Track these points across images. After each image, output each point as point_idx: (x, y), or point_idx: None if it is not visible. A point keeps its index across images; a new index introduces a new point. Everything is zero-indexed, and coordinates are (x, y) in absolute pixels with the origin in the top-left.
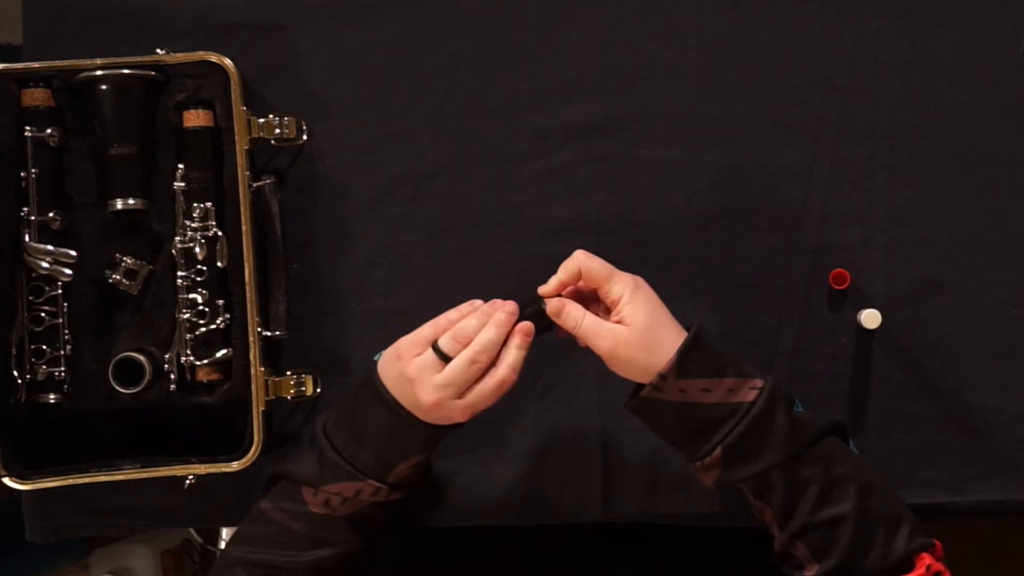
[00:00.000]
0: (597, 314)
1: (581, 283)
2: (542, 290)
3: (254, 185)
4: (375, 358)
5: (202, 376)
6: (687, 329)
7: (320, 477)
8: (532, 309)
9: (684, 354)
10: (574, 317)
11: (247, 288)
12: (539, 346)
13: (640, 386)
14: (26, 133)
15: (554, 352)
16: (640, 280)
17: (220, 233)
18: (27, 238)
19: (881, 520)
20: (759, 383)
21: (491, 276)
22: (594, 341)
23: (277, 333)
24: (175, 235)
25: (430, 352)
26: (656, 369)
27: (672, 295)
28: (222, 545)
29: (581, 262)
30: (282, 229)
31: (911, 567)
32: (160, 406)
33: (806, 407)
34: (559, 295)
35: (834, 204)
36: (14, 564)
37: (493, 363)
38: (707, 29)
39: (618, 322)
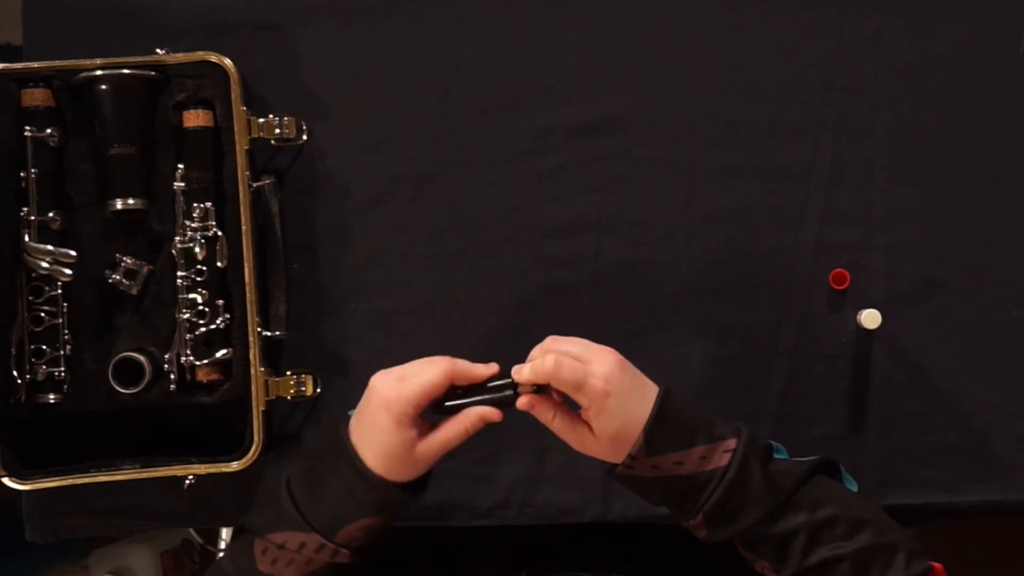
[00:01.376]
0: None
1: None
2: (516, 378)
3: (254, 185)
4: (348, 413)
5: (202, 376)
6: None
7: (269, 525)
8: (501, 396)
9: (651, 433)
10: (548, 415)
11: (247, 288)
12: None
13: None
14: (26, 133)
15: None
16: (614, 367)
17: (220, 233)
18: (27, 238)
19: (876, 553)
20: (731, 443)
21: (491, 276)
22: (570, 438)
23: (277, 333)
24: (175, 235)
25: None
26: (626, 450)
27: (672, 295)
28: (222, 545)
29: (555, 368)
30: (282, 229)
31: None
32: (160, 406)
33: (806, 407)
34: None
35: (834, 204)
36: (14, 564)
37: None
38: (707, 29)
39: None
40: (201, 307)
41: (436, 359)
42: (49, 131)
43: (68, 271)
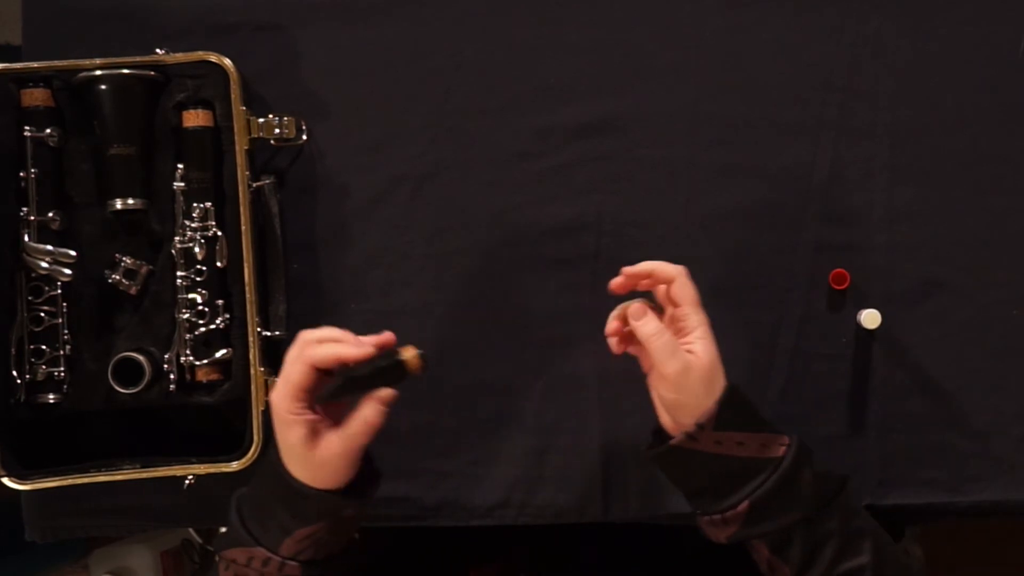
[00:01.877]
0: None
1: (669, 291)
2: (625, 270)
3: (254, 185)
4: None
5: (202, 376)
6: None
7: (224, 543)
8: (388, 362)
9: (724, 405)
10: (653, 326)
11: (247, 288)
12: (539, 346)
13: (661, 436)
14: (26, 133)
15: (554, 352)
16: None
17: (220, 233)
18: (27, 238)
19: (896, 572)
20: (786, 440)
21: (491, 276)
22: (665, 359)
23: (277, 333)
24: (175, 235)
25: None
26: (695, 416)
27: None
28: None
29: (681, 275)
30: (282, 229)
31: None
32: (160, 406)
33: (806, 407)
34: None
35: (834, 204)
36: (14, 564)
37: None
38: (707, 29)
39: (687, 351)
40: (201, 307)
41: (296, 354)
42: (49, 131)
43: (68, 271)
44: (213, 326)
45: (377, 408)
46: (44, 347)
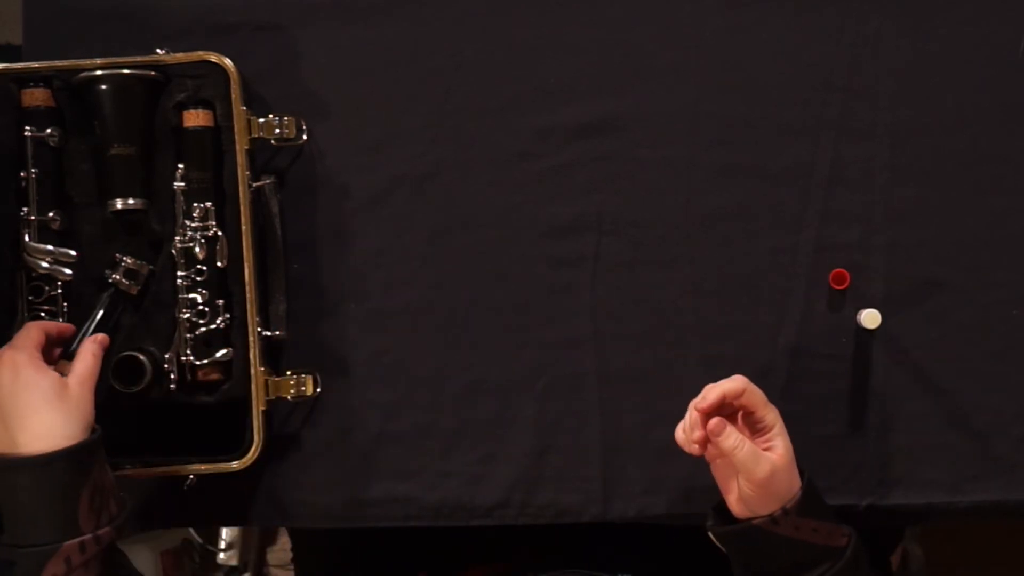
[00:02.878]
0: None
1: (738, 402)
2: (698, 405)
3: (254, 185)
4: None
5: (202, 376)
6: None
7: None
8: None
9: (807, 492)
10: (734, 439)
11: (247, 288)
12: (539, 346)
13: (722, 512)
14: (26, 133)
15: (554, 352)
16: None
17: (220, 233)
18: (27, 238)
19: None
20: (847, 531)
21: (491, 276)
22: (752, 468)
23: (277, 333)
24: (175, 235)
25: None
26: (777, 502)
27: (672, 295)
28: (222, 545)
29: (747, 384)
30: (282, 229)
31: None
32: (160, 406)
33: (806, 407)
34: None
35: (834, 204)
36: None
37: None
38: (707, 29)
39: (766, 449)
40: (201, 307)
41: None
42: (49, 131)
43: (68, 271)
44: (213, 326)
45: (91, 345)
46: None
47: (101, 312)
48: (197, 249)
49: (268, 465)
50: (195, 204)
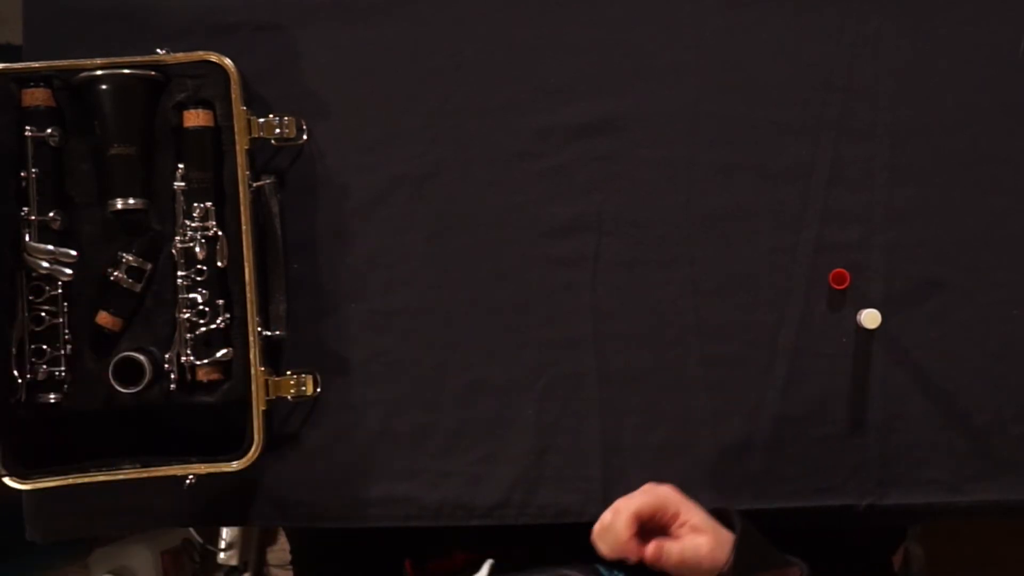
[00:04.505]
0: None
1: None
2: (619, 537)
3: (254, 185)
4: None
5: (202, 376)
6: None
7: None
8: None
9: (739, 551)
10: (673, 550)
11: (247, 288)
12: (539, 346)
13: None
14: (26, 133)
15: (554, 352)
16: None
17: (220, 233)
18: (27, 238)
19: None
20: (795, 561)
21: (491, 276)
22: (695, 554)
23: (277, 333)
24: (175, 235)
25: None
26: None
27: (672, 295)
28: (222, 545)
29: (666, 492)
30: (282, 229)
31: None
32: (160, 406)
33: (806, 407)
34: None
35: (834, 204)
36: (14, 564)
37: None
38: (707, 29)
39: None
40: (201, 307)
41: None
42: (49, 131)
43: (68, 271)
44: (213, 326)
45: None
46: (45, 347)
47: None
48: (197, 249)
49: (268, 465)
50: (195, 204)
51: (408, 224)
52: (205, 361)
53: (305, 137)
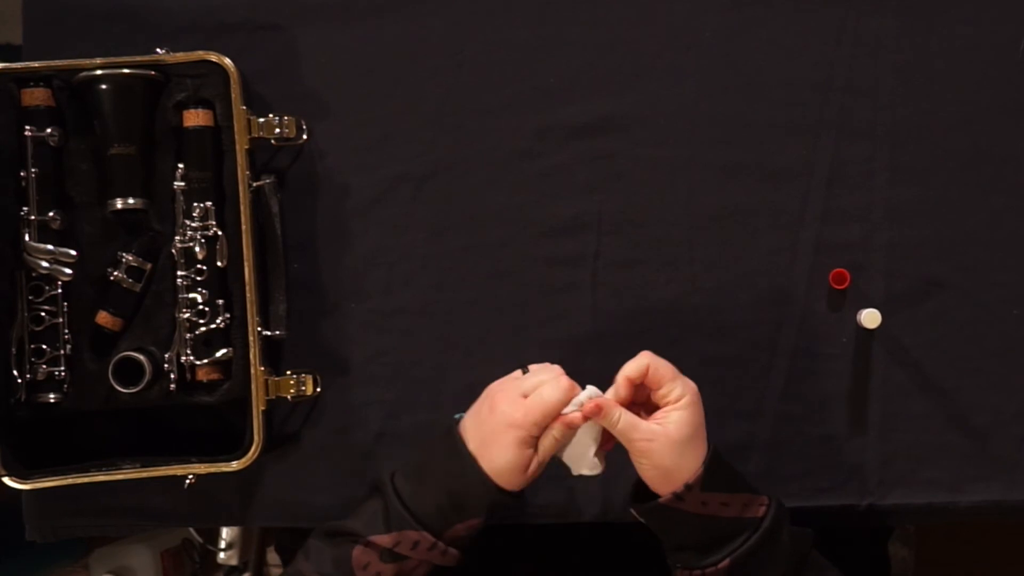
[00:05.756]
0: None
1: (646, 381)
2: (611, 394)
3: (254, 185)
4: (456, 416)
5: (202, 376)
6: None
7: (375, 525)
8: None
9: (709, 467)
10: (611, 418)
11: (247, 288)
12: (539, 346)
13: (645, 492)
14: (26, 133)
15: (554, 352)
16: (696, 392)
17: (220, 233)
18: (27, 238)
19: None
20: (766, 500)
21: (491, 276)
22: (630, 436)
23: (277, 333)
24: (175, 235)
25: (516, 372)
26: (679, 478)
27: (672, 295)
28: (222, 545)
29: (651, 360)
30: (282, 229)
31: None
32: (160, 406)
33: (806, 407)
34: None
35: (834, 204)
36: (14, 564)
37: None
38: (707, 29)
39: (657, 423)
40: (201, 307)
41: (556, 375)
42: (49, 131)
43: (68, 271)
44: (213, 326)
45: (565, 430)
46: (44, 347)
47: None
48: (197, 249)
49: (268, 465)
50: (195, 204)
51: (408, 224)
52: (205, 361)
53: (305, 137)
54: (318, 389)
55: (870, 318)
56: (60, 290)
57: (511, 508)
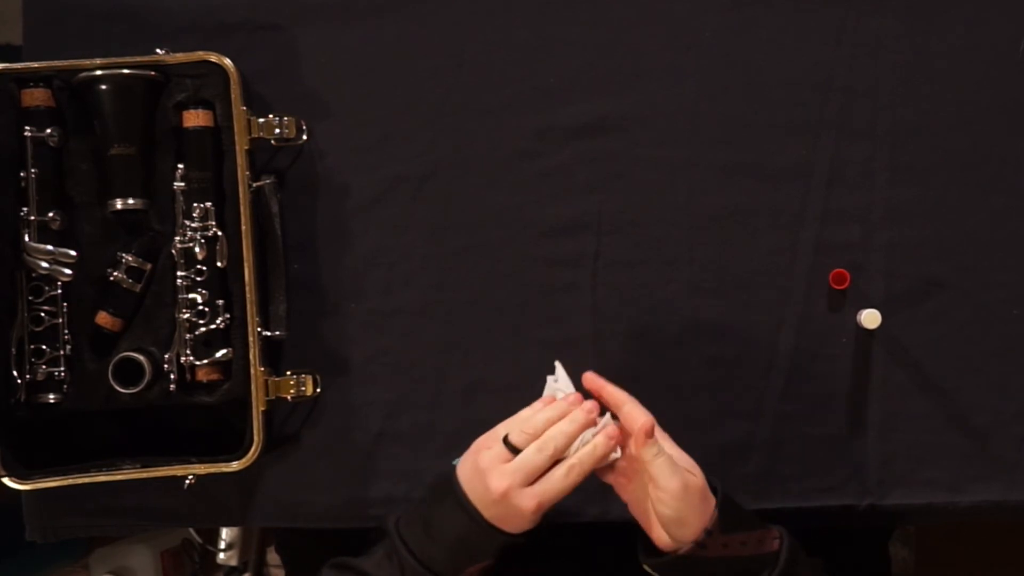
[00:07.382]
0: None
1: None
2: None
3: (254, 185)
4: (454, 462)
5: (202, 376)
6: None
7: (387, 569)
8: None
9: (726, 507)
10: (655, 448)
11: (247, 288)
12: (539, 346)
13: (649, 546)
14: (26, 133)
15: (554, 352)
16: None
17: (220, 233)
18: (27, 238)
19: None
20: (776, 532)
21: (491, 276)
22: (665, 476)
23: (277, 333)
24: (175, 235)
25: (500, 445)
26: (694, 523)
27: (672, 295)
28: (222, 545)
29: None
30: (282, 229)
31: None
32: (160, 406)
33: (806, 407)
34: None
35: (834, 204)
36: (14, 564)
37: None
38: (707, 29)
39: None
40: (201, 307)
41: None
42: (49, 131)
43: (68, 271)
44: (213, 326)
45: (567, 470)
46: (44, 347)
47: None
48: (197, 249)
49: (268, 465)
50: (195, 204)
51: (408, 224)
52: (205, 361)
53: (305, 137)
54: (318, 389)
55: (870, 318)
56: (60, 290)
57: (522, 545)
